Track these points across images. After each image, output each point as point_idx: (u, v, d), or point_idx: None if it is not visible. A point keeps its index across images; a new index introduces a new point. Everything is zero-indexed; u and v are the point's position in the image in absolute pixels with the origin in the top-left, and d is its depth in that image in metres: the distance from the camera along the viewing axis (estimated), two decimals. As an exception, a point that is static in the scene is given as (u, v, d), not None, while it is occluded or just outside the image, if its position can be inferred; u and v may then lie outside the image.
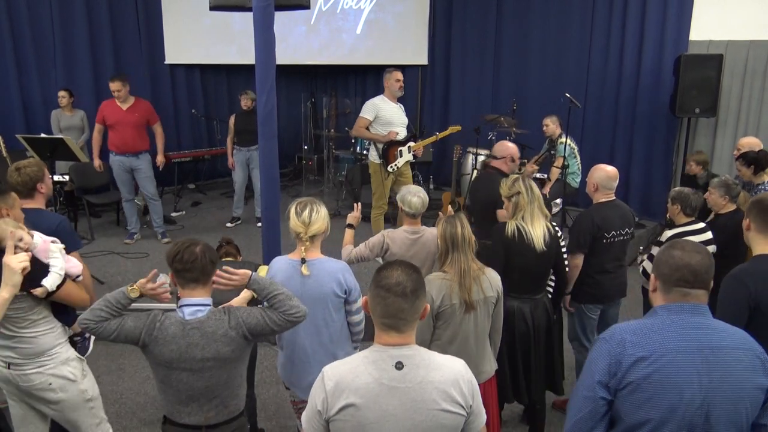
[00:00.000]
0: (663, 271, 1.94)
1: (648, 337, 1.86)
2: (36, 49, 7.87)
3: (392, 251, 3.58)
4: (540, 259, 3.35)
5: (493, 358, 3.13)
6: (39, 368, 2.82)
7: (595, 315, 3.98)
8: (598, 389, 1.87)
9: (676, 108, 6.97)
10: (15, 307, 2.67)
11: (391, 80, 5.91)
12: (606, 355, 1.88)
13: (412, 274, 1.87)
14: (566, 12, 8.22)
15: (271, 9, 4.45)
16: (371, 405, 1.80)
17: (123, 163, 6.52)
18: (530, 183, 3.41)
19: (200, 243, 2.36)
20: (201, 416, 2.40)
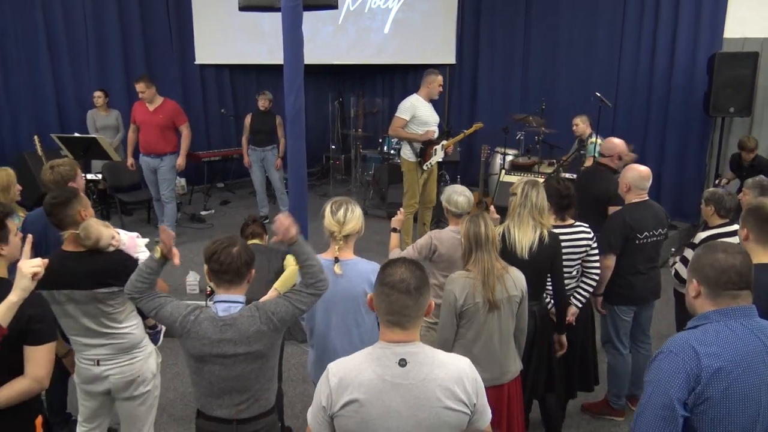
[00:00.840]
0: (708, 275, 1.87)
1: (720, 346, 1.78)
2: (70, 50, 8.03)
3: (440, 252, 3.56)
4: (524, 264, 3.20)
5: (518, 357, 3.10)
6: (131, 360, 2.92)
7: (629, 317, 3.91)
8: (678, 407, 1.76)
9: (710, 107, 6.84)
10: (112, 303, 2.79)
11: (434, 83, 5.98)
12: (681, 370, 1.77)
13: (416, 271, 1.87)
14: (596, 9, 8.11)
15: (299, 9, 4.47)
16: (374, 401, 1.81)
17: (148, 163, 6.60)
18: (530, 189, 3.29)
19: (237, 243, 2.38)
20: (232, 409, 2.43)
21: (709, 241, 1.99)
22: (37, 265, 2.14)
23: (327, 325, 2.95)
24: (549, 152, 7.65)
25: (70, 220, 2.82)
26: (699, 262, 1.92)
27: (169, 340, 4.98)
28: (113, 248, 2.79)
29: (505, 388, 3.01)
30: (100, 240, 2.73)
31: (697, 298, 1.93)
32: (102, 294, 2.75)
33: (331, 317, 2.93)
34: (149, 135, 6.50)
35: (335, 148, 9.92)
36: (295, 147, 4.76)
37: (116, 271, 2.74)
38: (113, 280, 2.75)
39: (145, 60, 8.57)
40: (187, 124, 6.71)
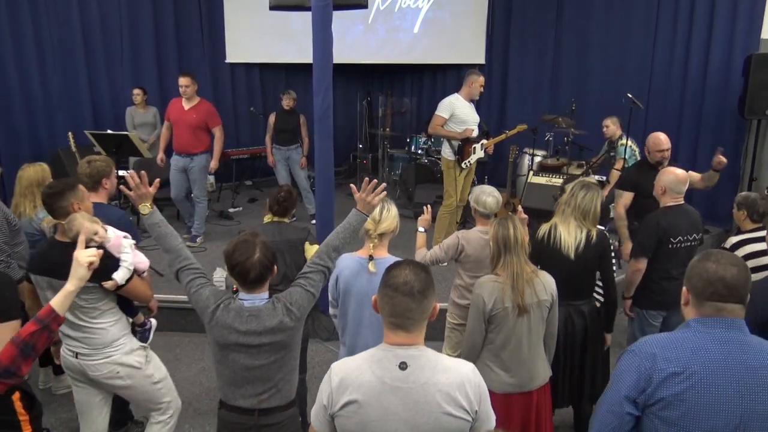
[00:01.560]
0: (696, 285, 1.85)
1: (680, 351, 1.78)
2: (105, 50, 8.17)
3: (467, 252, 3.54)
4: (570, 264, 3.23)
5: (547, 364, 3.06)
6: (106, 358, 2.96)
7: (657, 322, 3.85)
8: (625, 404, 1.80)
9: (745, 109, 6.70)
10: (86, 298, 2.84)
11: (476, 83, 6.01)
12: (635, 369, 1.80)
13: (420, 274, 1.85)
14: (629, 9, 7.98)
15: (329, 8, 4.49)
16: (373, 403, 1.80)
17: (178, 163, 6.57)
18: (579, 190, 3.29)
19: (257, 249, 2.37)
20: (254, 399, 2.46)
21: (707, 250, 1.94)
22: (93, 255, 2.22)
23: (359, 322, 2.96)
24: (578, 154, 7.56)
25: (63, 211, 2.91)
26: (691, 270, 1.89)
27: (195, 336, 5.07)
28: (95, 244, 2.79)
29: (534, 395, 2.97)
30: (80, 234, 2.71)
31: (686, 306, 1.91)
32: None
33: (364, 314, 2.94)
34: (181, 133, 6.50)
35: (363, 147, 9.93)
36: (323, 146, 4.78)
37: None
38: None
39: (178, 59, 8.69)
40: (220, 126, 6.64)
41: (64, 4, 7.74)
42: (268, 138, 7.57)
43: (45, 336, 2.08)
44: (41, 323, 2.06)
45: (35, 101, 7.74)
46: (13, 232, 3.58)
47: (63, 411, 4.11)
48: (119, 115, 7.70)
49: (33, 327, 2.06)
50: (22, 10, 7.45)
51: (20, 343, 2.03)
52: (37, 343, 2.06)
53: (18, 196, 3.95)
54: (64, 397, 4.23)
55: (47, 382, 4.35)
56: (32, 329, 2.05)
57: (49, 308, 2.10)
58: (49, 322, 2.08)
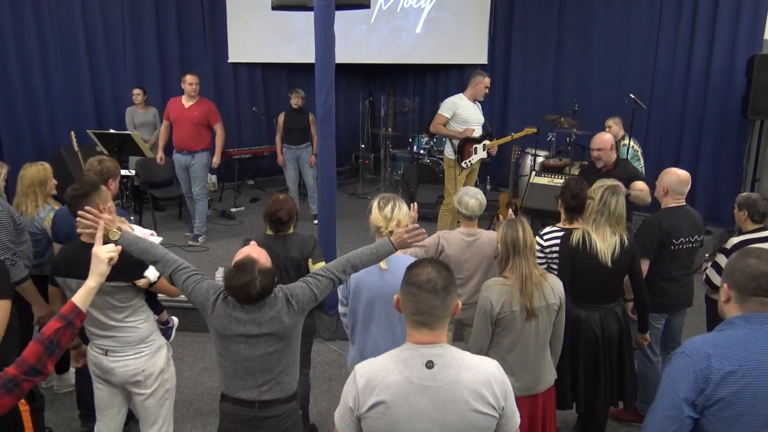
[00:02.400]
0: (738, 280, 1.85)
1: (734, 349, 1.78)
2: (108, 49, 8.18)
3: (447, 253, 3.55)
4: (606, 270, 3.24)
5: (553, 367, 3.05)
6: (136, 355, 2.98)
7: (660, 324, 3.84)
8: (684, 407, 1.78)
9: (748, 110, 6.68)
10: (119, 297, 2.87)
11: (481, 84, 6.03)
12: (691, 371, 1.78)
13: (443, 271, 1.86)
14: (632, 9, 7.98)
15: (331, 8, 4.50)
16: (401, 403, 1.80)
17: (181, 160, 6.63)
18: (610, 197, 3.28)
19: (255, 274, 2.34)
20: (255, 391, 2.48)
21: (746, 246, 1.95)
22: (112, 251, 2.23)
23: (369, 319, 2.96)
24: (580, 154, 7.55)
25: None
26: (731, 267, 1.90)
27: (197, 335, 5.07)
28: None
29: (539, 398, 2.97)
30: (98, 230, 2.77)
31: (727, 303, 1.91)
32: (109, 287, 2.81)
33: (374, 311, 2.94)
34: (183, 131, 6.54)
35: (365, 147, 9.93)
36: (325, 145, 4.79)
37: (124, 266, 2.78)
38: (120, 276, 2.80)
39: (180, 59, 8.70)
40: (221, 123, 6.74)
41: (67, 3, 7.75)
42: (278, 138, 7.58)
43: (69, 332, 2.10)
44: (65, 320, 2.08)
45: (38, 100, 7.75)
46: (18, 231, 3.59)
47: (65, 410, 4.12)
48: (121, 114, 7.71)
49: (57, 324, 2.07)
50: (25, 9, 7.46)
51: (45, 341, 2.04)
52: (61, 339, 2.08)
53: (20, 195, 3.96)
54: (67, 396, 4.24)
55: (50, 380, 4.36)
56: (56, 326, 2.07)
57: (72, 305, 2.12)
58: (72, 319, 2.10)
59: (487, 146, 6.16)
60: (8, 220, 3.49)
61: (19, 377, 2.00)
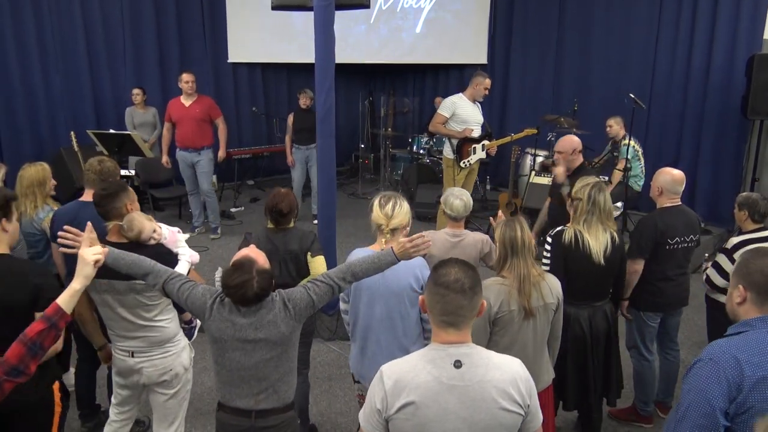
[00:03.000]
0: (757, 281, 1.82)
1: (764, 354, 1.74)
2: (107, 48, 8.18)
3: (431, 253, 3.53)
4: (599, 268, 3.26)
5: (550, 367, 3.06)
6: (164, 354, 3.00)
7: (655, 323, 3.85)
8: (719, 417, 1.72)
9: (748, 110, 6.68)
10: (149, 295, 2.87)
11: (480, 86, 6.05)
12: (722, 379, 1.73)
13: (469, 271, 1.86)
14: (631, 9, 7.98)
15: (331, 8, 4.50)
16: (431, 403, 1.79)
17: (186, 158, 6.74)
18: (597, 194, 3.29)
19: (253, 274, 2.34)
20: (251, 400, 2.46)
21: (757, 246, 1.94)
22: (99, 253, 2.23)
23: (370, 317, 2.97)
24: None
25: (117, 212, 2.92)
26: (747, 268, 1.86)
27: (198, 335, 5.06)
28: (154, 242, 2.88)
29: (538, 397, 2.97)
30: (143, 233, 2.83)
31: (742, 305, 1.88)
32: (140, 286, 2.81)
33: (375, 309, 2.95)
34: (186, 129, 6.66)
35: (365, 147, 9.94)
36: (325, 145, 4.79)
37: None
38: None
39: (180, 59, 8.70)
40: (222, 117, 6.92)
41: (67, 3, 7.76)
42: (288, 138, 7.62)
43: (52, 334, 2.09)
44: (49, 321, 2.07)
45: (38, 100, 7.76)
46: None
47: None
48: (121, 114, 7.71)
49: (41, 326, 2.06)
50: (25, 9, 7.46)
51: (28, 342, 2.04)
52: (44, 341, 2.07)
53: (19, 195, 3.95)
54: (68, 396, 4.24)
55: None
56: (40, 328, 2.06)
57: (56, 306, 2.11)
58: (56, 321, 2.09)
59: (486, 146, 6.16)
60: None
61: (1, 377, 2.01)
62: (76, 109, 8.05)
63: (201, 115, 6.67)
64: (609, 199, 3.33)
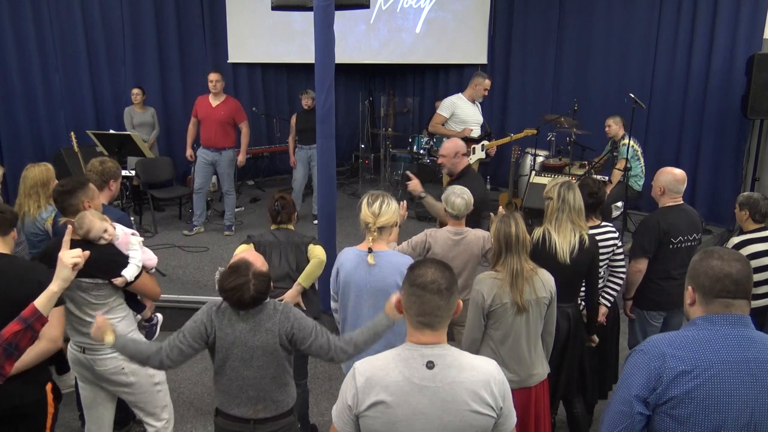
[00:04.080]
0: (702, 282, 1.84)
1: (690, 349, 1.78)
2: (107, 48, 8.18)
3: (434, 251, 3.55)
4: (564, 269, 3.21)
5: (545, 360, 3.08)
6: (113, 353, 2.96)
7: (658, 323, 3.85)
8: (635, 404, 1.80)
9: (748, 109, 6.69)
10: (95, 294, 2.88)
11: (480, 86, 6.04)
12: (644, 369, 1.80)
13: (446, 272, 1.86)
14: (631, 9, 7.98)
15: (331, 8, 4.49)
16: (401, 403, 1.80)
17: (206, 156, 6.84)
18: (566, 192, 3.28)
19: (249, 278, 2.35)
20: (250, 409, 2.48)
21: (708, 248, 1.94)
22: (77, 256, 2.22)
23: (358, 315, 2.98)
24: (580, 154, 7.56)
25: (74, 209, 2.96)
26: (695, 269, 1.88)
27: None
28: (104, 241, 2.87)
29: (532, 390, 3.00)
30: (91, 231, 2.82)
31: (692, 306, 1.90)
32: (86, 284, 2.83)
33: (362, 307, 2.96)
34: (210, 129, 6.77)
35: (365, 147, 9.93)
36: (325, 146, 4.79)
37: (102, 264, 2.83)
38: (97, 272, 2.83)
39: (180, 59, 8.70)
40: (246, 122, 7.01)
41: (67, 3, 7.75)
42: (291, 139, 7.67)
43: (29, 335, 2.08)
44: (25, 323, 2.07)
45: (37, 100, 7.75)
46: None
47: (65, 410, 4.11)
48: (121, 114, 7.71)
49: (16, 327, 2.06)
50: (25, 9, 7.46)
51: (3, 343, 2.03)
52: (20, 342, 2.07)
53: (22, 195, 3.95)
54: (67, 397, 4.21)
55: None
56: (15, 329, 2.05)
57: (33, 308, 2.10)
58: (32, 322, 2.08)
59: (485, 147, 6.15)
60: None
61: None
62: (75, 110, 8.04)
63: (225, 117, 6.78)
64: (579, 198, 3.30)
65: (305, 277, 3.47)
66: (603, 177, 6.71)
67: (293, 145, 7.60)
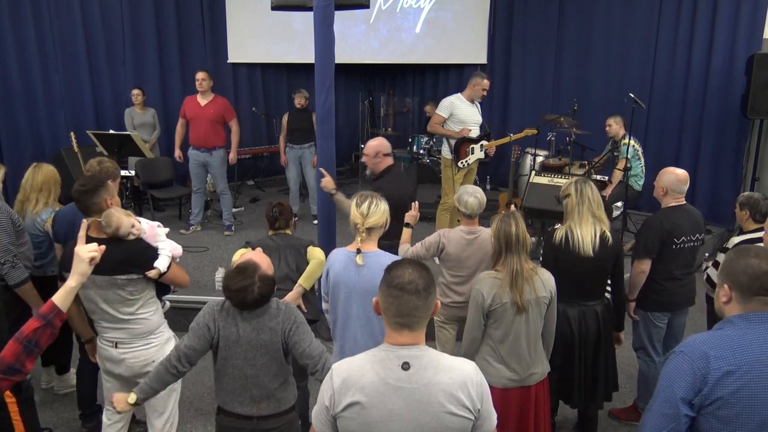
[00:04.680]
0: (741, 280, 1.84)
1: (732, 349, 1.78)
2: (107, 48, 8.17)
3: (448, 251, 3.57)
4: (588, 265, 3.24)
5: (545, 360, 3.08)
6: (147, 345, 3.01)
7: (662, 323, 3.84)
8: (681, 406, 1.79)
9: (748, 109, 6.69)
10: (130, 290, 2.88)
11: (479, 86, 6.01)
12: (688, 370, 1.79)
13: (423, 272, 1.86)
14: (631, 9, 7.98)
15: (331, 8, 4.49)
16: (376, 404, 1.80)
17: (198, 157, 6.81)
18: (584, 185, 3.32)
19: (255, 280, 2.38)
20: (253, 407, 2.50)
21: (741, 245, 1.94)
22: (94, 250, 2.22)
23: (348, 315, 2.98)
24: (580, 153, 7.56)
25: (97, 207, 2.96)
26: (731, 267, 1.88)
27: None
28: (133, 237, 2.88)
29: (532, 390, 3.00)
30: (120, 228, 2.83)
31: (727, 304, 1.90)
32: (121, 281, 2.84)
33: (352, 308, 2.96)
34: (200, 129, 6.72)
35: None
36: (325, 146, 4.79)
37: (135, 259, 2.84)
38: (131, 268, 2.84)
39: (180, 59, 8.69)
40: (236, 119, 6.99)
41: (67, 3, 7.75)
42: (282, 138, 7.64)
43: (48, 332, 2.08)
44: (44, 319, 2.06)
45: (37, 100, 7.74)
46: (17, 232, 3.59)
47: (66, 410, 4.12)
48: (121, 114, 7.71)
49: (36, 323, 2.06)
50: (25, 9, 7.45)
51: (23, 340, 2.03)
52: (40, 339, 2.06)
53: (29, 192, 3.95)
54: (67, 397, 4.24)
55: (50, 381, 4.36)
56: (35, 326, 2.05)
57: (51, 304, 2.10)
58: (51, 318, 2.08)
59: (484, 147, 6.14)
60: (8, 221, 3.49)
61: None
62: (75, 110, 8.04)
63: (215, 115, 6.75)
64: (596, 190, 3.35)
65: (306, 278, 3.47)
66: (603, 177, 6.70)
67: (284, 145, 7.59)
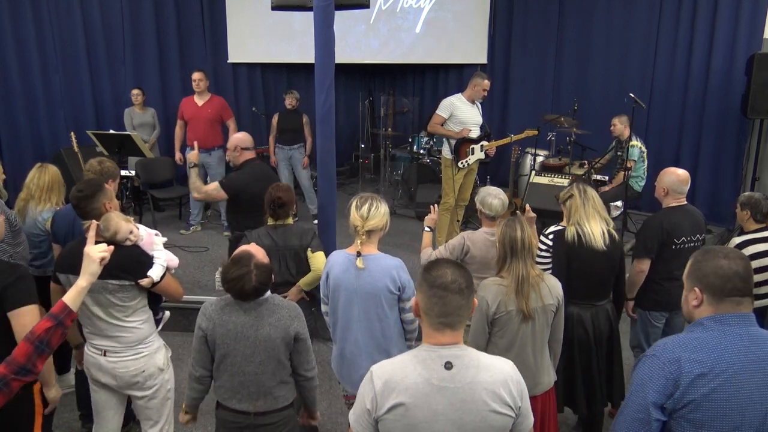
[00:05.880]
0: (712, 282, 1.83)
1: (704, 351, 1.77)
2: (107, 48, 8.17)
3: (472, 253, 3.52)
4: (601, 260, 3.26)
5: (552, 369, 3.03)
6: (135, 356, 2.97)
7: (660, 323, 3.84)
8: (652, 411, 1.77)
9: (748, 109, 6.68)
10: (120, 296, 2.86)
11: (479, 87, 6.00)
12: (660, 374, 1.78)
13: (462, 270, 1.86)
14: (631, 9, 7.98)
15: (331, 8, 4.49)
16: (421, 405, 1.79)
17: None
18: (585, 186, 3.37)
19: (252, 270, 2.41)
20: (251, 404, 2.52)
21: (706, 247, 1.93)
22: (105, 251, 2.22)
23: (349, 318, 2.97)
24: (580, 153, 7.56)
25: (96, 212, 2.94)
26: (701, 270, 1.87)
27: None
28: (130, 242, 2.87)
29: (538, 400, 2.95)
30: (118, 233, 2.82)
31: (698, 307, 1.88)
32: (112, 286, 2.81)
33: (353, 310, 2.94)
34: (198, 129, 6.71)
35: (365, 147, 9.91)
36: (325, 146, 4.78)
37: (128, 265, 2.82)
38: (125, 274, 2.82)
39: (180, 59, 8.68)
40: (233, 119, 7.01)
41: (66, 3, 7.74)
42: (272, 138, 7.64)
43: (59, 332, 2.08)
44: (55, 319, 2.07)
45: (37, 100, 7.75)
46: (13, 233, 3.59)
47: (65, 410, 4.11)
48: (121, 114, 7.71)
49: (47, 324, 2.06)
50: (24, 8, 7.45)
51: (35, 340, 2.04)
52: (51, 339, 2.07)
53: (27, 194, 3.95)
54: (67, 397, 4.22)
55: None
56: (47, 326, 2.06)
57: (63, 304, 2.11)
58: (63, 318, 2.08)
59: (484, 147, 6.14)
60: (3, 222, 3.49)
61: (9, 376, 2.00)
62: (75, 110, 8.04)
63: (212, 115, 6.75)
64: (595, 192, 3.41)
65: (305, 284, 3.48)
66: (603, 177, 6.70)
67: (273, 145, 7.60)
